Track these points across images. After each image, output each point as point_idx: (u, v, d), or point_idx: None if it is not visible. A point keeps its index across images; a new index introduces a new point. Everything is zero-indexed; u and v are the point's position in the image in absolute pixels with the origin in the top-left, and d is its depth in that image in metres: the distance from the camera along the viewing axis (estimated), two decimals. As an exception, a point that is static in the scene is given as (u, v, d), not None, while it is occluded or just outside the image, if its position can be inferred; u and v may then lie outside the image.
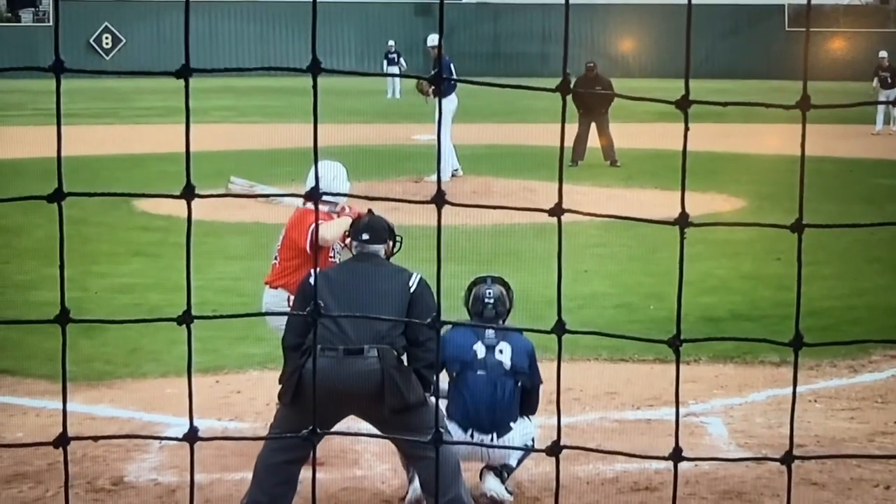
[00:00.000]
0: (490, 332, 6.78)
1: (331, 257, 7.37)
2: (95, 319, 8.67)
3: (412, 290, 6.18)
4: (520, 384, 6.75)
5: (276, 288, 7.46)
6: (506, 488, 6.75)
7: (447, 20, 59.30)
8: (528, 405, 6.84)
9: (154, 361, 9.41)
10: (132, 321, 2.71)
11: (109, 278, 12.57)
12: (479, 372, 6.66)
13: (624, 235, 14.51)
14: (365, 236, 6.48)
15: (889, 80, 29.64)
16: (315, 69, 2.20)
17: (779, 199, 17.00)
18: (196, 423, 2.54)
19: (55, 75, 2.17)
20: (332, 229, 7.18)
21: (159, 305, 11.19)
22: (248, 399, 8.59)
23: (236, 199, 15.72)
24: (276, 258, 7.55)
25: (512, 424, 6.70)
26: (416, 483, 6.52)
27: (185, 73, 2.21)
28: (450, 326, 5.81)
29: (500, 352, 6.74)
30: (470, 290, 6.97)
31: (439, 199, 2.27)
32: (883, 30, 56.79)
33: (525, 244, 13.62)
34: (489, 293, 6.92)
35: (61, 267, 2.32)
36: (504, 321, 6.95)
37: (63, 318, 2.30)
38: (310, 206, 7.49)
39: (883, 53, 30.51)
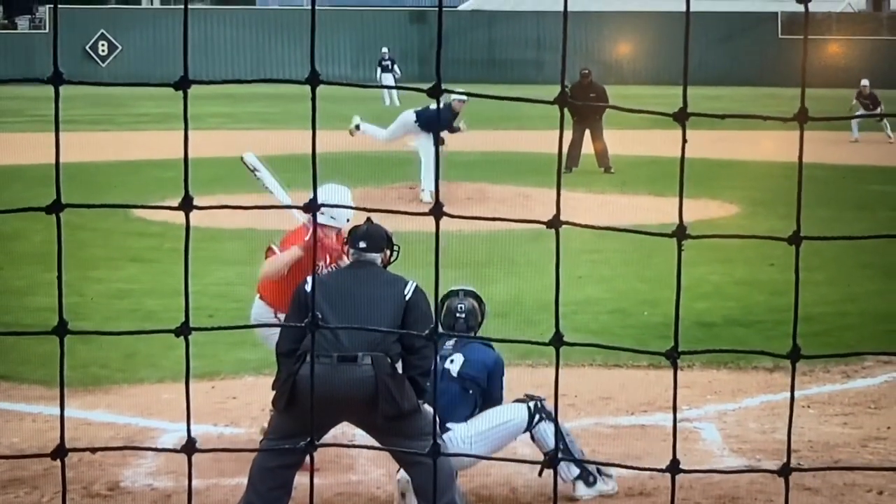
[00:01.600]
0: (448, 344, 6.89)
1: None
2: (94, 331, 8.69)
3: (408, 297, 6.20)
4: (471, 392, 6.82)
5: (262, 300, 7.47)
6: (585, 480, 6.81)
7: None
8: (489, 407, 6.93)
9: (150, 367, 9.42)
10: (130, 332, 2.71)
11: (106, 283, 12.58)
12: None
13: (618, 241, 14.53)
14: (362, 244, 6.49)
15: (870, 107, 29.80)
16: (314, 81, 2.22)
17: (772, 205, 17.05)
18: (192, 428, 2.56)
19: (54, 88, 2.19)
20: (273, 265, 7.16)
21: (155, 311, 11.21)
22: (244, 404, 8.60)
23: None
24: None
25: (451, 424, 6.72)
26: (402, 473, 6.55)
27: (183, 84, 2.22)
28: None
29: (451, 361, 6.86)
30: (442, 302, 7.02)
31: (437, 211, 2.29)
32: (875, 37, 56.94)
33: (520, 250, 13.64)
34: (461, 307, 7.02)
35: (59, 278, 2.33)
36: (475, 334, 7.07)
37: (61, 330, 2.31)
38: (308, 223, 7.52)
39: (864, 82, 30.53)
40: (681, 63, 2.44)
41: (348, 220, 7.45)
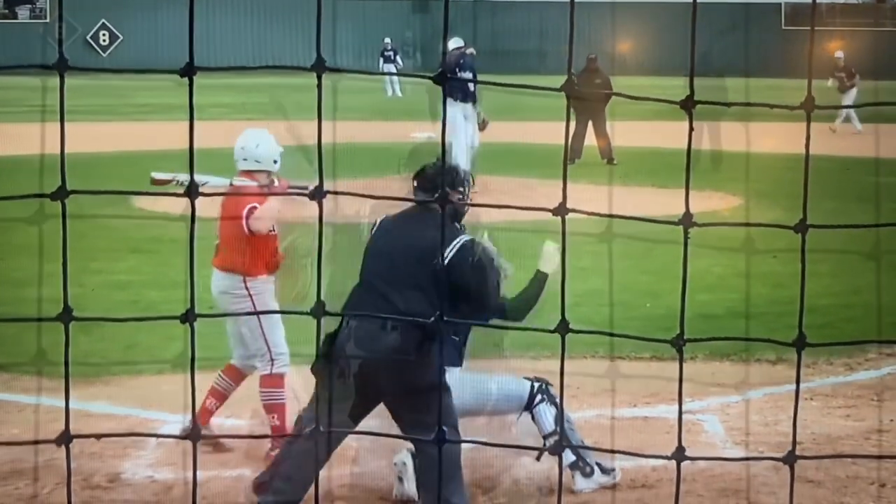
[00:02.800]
0: None
1: (270, 231, 7.22)
2: (98, 318, 8.65)
3: (448, 258, 5.73)
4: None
5: (225, 271, 7.10)
6: (582, 471, 6.80)
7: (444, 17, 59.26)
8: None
9: (150, 358, 9.40)
10: (134, 319, 2.70)
11: (106, 275, 12.57)
12: None
13: (620, 233, 14.51)
14: (415, 182, 5.92)
15: (846, 80, 29.67)
16: (319, 69, 2.20)
17: (776, 197, 17.01)
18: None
19: (59, 74, 2.17)
20: (264, 221, 7.03)
21: (156, 302, 11.18)
22: (245, 395, 8.57)
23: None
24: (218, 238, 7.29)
25: (447, 367, 6.72)
26: (398, 457, 6.51)
27: (189, 71, 2.20)
28: None
29: None
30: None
31: (443, 199, 2.27)
32: (879, 28, 56.88)
33: (522, 241, 13.60)
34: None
35: (64, 265, 2.32)
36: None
37: (66, 317, 2.30)
38: (242, 180, 7.32)
39: (839, 54, 30.44)
40: (684, 53, 2.42)
41: (276, 162, 7.33)
